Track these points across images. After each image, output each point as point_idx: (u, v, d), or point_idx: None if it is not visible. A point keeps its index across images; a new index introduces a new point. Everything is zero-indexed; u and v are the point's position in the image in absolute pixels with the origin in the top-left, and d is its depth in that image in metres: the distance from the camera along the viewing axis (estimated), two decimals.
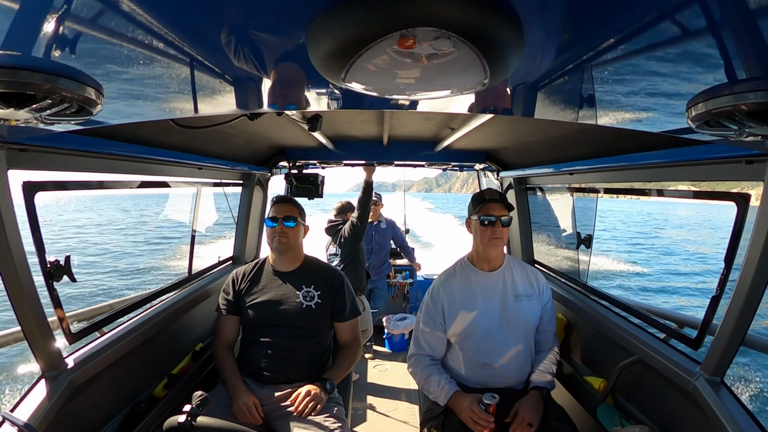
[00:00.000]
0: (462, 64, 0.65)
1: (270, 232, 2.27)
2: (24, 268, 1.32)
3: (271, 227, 2.25)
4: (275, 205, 2.30)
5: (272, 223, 2.24)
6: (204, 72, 0.80)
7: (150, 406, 1.95)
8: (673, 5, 0.52)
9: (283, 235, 2.24)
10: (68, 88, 0.71)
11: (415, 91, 0.79)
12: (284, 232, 2.24)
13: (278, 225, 2.23)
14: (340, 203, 4.57)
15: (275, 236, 2.24)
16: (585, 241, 2.75)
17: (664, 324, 1.95)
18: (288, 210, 2.26)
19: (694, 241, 44.74)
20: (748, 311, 1.39)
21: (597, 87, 0.81)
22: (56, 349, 1.49)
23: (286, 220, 2.24)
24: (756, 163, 1.28)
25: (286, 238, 2.24)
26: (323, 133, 2.78)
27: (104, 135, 1.55)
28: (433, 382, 2.07)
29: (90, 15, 0.58)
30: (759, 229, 1.31)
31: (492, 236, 2.06)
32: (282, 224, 2.23)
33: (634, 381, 1.97)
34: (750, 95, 0.65)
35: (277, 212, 2.25)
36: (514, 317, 2.11)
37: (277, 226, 2.23)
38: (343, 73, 0.66)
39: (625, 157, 1.85)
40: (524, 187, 3.49)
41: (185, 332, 2.50)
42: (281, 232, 2.23)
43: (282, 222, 2.23)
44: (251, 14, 0.61)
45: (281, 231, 2.23)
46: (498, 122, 2.13)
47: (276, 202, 2.33)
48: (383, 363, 4.82)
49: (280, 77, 0.82)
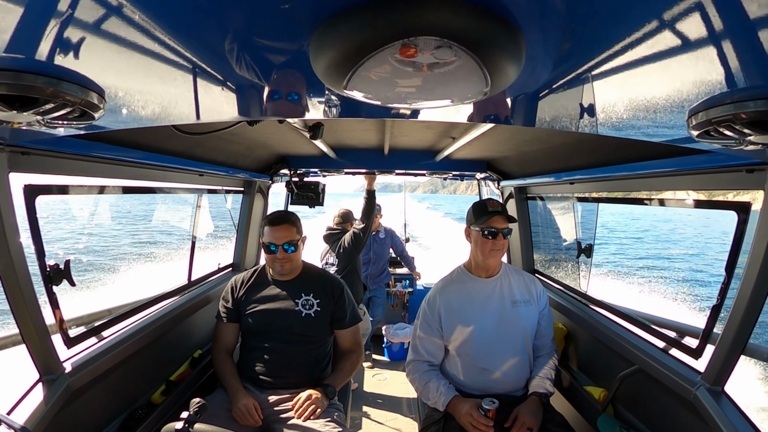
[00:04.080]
0: (463, 73, 0.65)
1: (269, 258, 2.19)
2: (23, 271, 1.32)
3: (270, 253, 2.17)
4: (271, 228, 2.17)
5: (272, 249, 2.15)
6: (206, 79, 0.80)
7: (147, 412, 1.93)
8: (673, 15, 0.53)
9: (286, 261, 2.17)
10: (71, 92, 0.72)
11: (417, 100, 0.80)
12: (287, 258, 2.16)
13: (279, 252, 2.15)
14: (342, 211, 4.45)
15: (276, 262, 2.17)
16: (585, 251, 2.74)
17: (664, 333, 1.94)
18: (287, 234, 2.16)
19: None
20: (749, 320, 1.38)
21: (597, 96, 0.81)
22: (54, 353, 1.48)
23: (288, 246, 2.15)
24: (756, 171, 1.28)
25: (289, 263, 2.18)
26: (324, 141, 2.79)
27: (106, 140, 1.56)
28: (431, 388, 2.06)
29: (94, 20, 0.59)
30: (760, 237, 1.30)
31: (493, 248, 2.07)
32: (283, 251, 2.15)
33: (634, 391, 1.96)
34: (750, 104, 0.65)
35: (276, 238, 2.14)
36: (512, 323, 2.11)
37: (279, 253, 2.15)
38: (345, 81, 0.67)
39: (626, 167, 1.85)
40: (525, 197, 3.49)
41: (184, 339, 2.49)
42: (284, 259, 2.16)
43: (283, 248, 2.14)
44: (254, 23, 0.61)
45: (284, 258, 2.16)
46: (499, 131, 2.14)
47: (270, 224, 2.19)
48: (382, 372, 4.79)
49: (282, 85, 0.83)
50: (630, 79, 0.71)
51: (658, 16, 0.54)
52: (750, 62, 0.60)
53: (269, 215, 2.26)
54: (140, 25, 0.59)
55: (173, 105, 0.94)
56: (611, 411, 2.04)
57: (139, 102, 0.90)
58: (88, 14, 0.58)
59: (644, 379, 1.88)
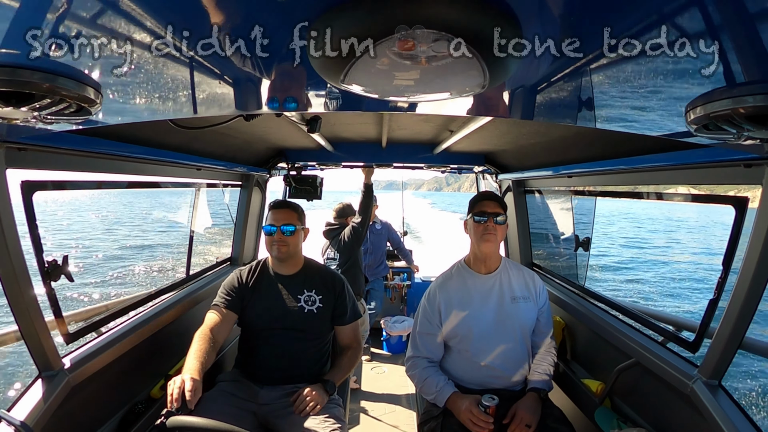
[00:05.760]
0: (461, 66, 0.65)
1: (268, 240, 2.20)
2: (22, 268, 1.32)
3: (269, 235, 2.19)
4: (273, 210, 2.22)
5: (271, 230, 2.18)
6: (203, 73, 0.80)
7: (147, 407, 1.94)
8: (672, 9, 0.52)
9: (283, 244, 2.17)
10: (67, 88, 0.71)
11: (415, 93, 0.80)
12: (284, 240, 2.17)
13: (277, 233, 2.17)
14: (341, 205, 4.41)
15: (274, 244, 2.18)
16: (583, 244, 2.75)
17: (661, 327, 1.95)
18: (287, 217, 2.19)
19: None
20: (746, 314, 1.39)
21: (595, 90, 0.81)
22: (53, 349, 1.48)
23: (286, 228, 2.18)
24: (754, 166, 1.29)
25: (285, 247, 2.18)
26: (322, 134, 2.78)
27: (103, 135, 1.55)
28: (431, 384, 2.07)
29: (89, 15, 0.58)
30: (757, 231, 1.31)
31: (485, 232, 2.05)
32: (281, 232, 2.17)
33: (631, 384, 1.97)
34: (749, 99, 0.65)
35: (276, 220, 2.17)
36: (511, 319, 2.11)
37: (276, 235, 2.17)
38: (343, 74, 0.67)
39: (624, 160, 1.85)
40: (523, 190, 3.49)
41: (182, 333, 2.49)
42: (280, 241, 2.16)
43: (281, 230, 2.17)
44: (251, 16, 0.61)
45: (280, 240, 2.16)
46: (497, 125, 2.14)
47: (273, 207, 2.25)
48: (381, 365, 4.81)
49: (279, 78, 0.82)
50: (628, 72, 0.71)
51: (656, 9, 0.53)
52: (749, 57, 0.60)
53: (274, 201, 2.30)
54: (136, 18, 0.59)
55: (170, 99, 0.93)
56: (608, 404, 2.06)
57: (135, 97, 0.89)
58: (83, 9, 0.57)
59: (641, 372, 1.89)
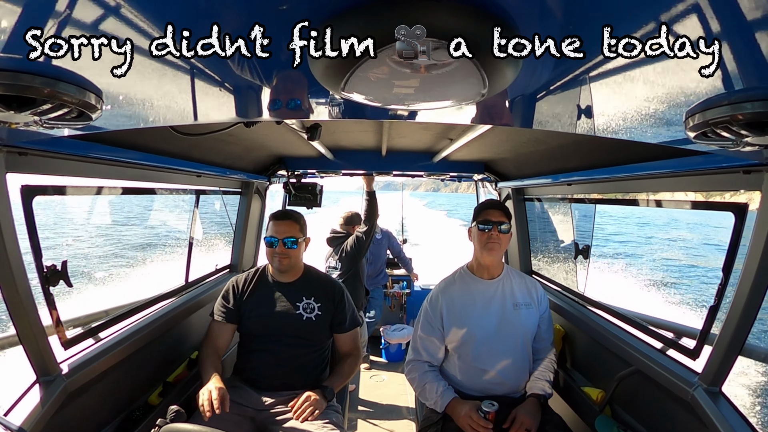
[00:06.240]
0: (461, 75, 0.65)
1: (269, 252, 2.18)
2: (20, 272, 1.31)
3: (270, 247, 2.16)
4: (274, 222, 2.19)
5: (272, 242, 2.15)
6: (204, 80, 0.80)
7: (144, 413, 1.93)
8: (670, 16, 0.53)
9: (285, 256, 2.15)
10: (68, 93, 0.72)
11: (414, 101, 0.80)
12: (285, 253, 2.15)
13: (279, 246, 2.15)
14: (349, 213, 4.35)
15: (276, 256, 2.16)
16: (583, 252, 2.75)
17: (662, 334, 1.94)
18: (288, 229, 2.16)
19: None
20: (746, 320, 1.38)
21: (594, 98, 0.81)
22: (51, 354, 1.47)
23: (288, 240, 2.15)
24: (753, 172, 1.29)
25: (287, 259, 2.16)
26: (322, 142, 2.79)
27: (103, 140, 1.55)
28: (430, 389, 2.06)
29: (91, 20, 0.59)
30: (757, 237, 1.31)
31: (489, 240, 2.06)
32: (283, 244, 2.16)
33: (632, 391, 1.96)
34: (747, 105, 0.66)
35: (277, 232, 2.15)
36: (512, 326, 2.11)
37: (278, 247, 2.14)
38: (343, 83, 0.67)
39: (623, 168, 1.85)
40: (522, 198, 3.49)
41: (181, 340, 2.48)
42: (282, 254, 2.14)
43: (282, 242, 2.14)
44: (251, 23, 0.61)
45: (282, 252, 2.14)
46: (496, 133, 2.14)
47: (275, 218, 2.22)
48: (380, 373, 4.78)
49: (280, 86, 0.83)
50: (627, 80, 0.72)
51: (655, 17, 0.54)
52: (747, 64, 0.60)
53: (275, 212, 2.28)
54: (138, 24, 0.59)
55: (171, 106, 0.94)
56: (609, 412, 2.04)
57: (136, 103, 0.90)
58: (85, 14, 0.58)
59: (642, 380, 1.88)
